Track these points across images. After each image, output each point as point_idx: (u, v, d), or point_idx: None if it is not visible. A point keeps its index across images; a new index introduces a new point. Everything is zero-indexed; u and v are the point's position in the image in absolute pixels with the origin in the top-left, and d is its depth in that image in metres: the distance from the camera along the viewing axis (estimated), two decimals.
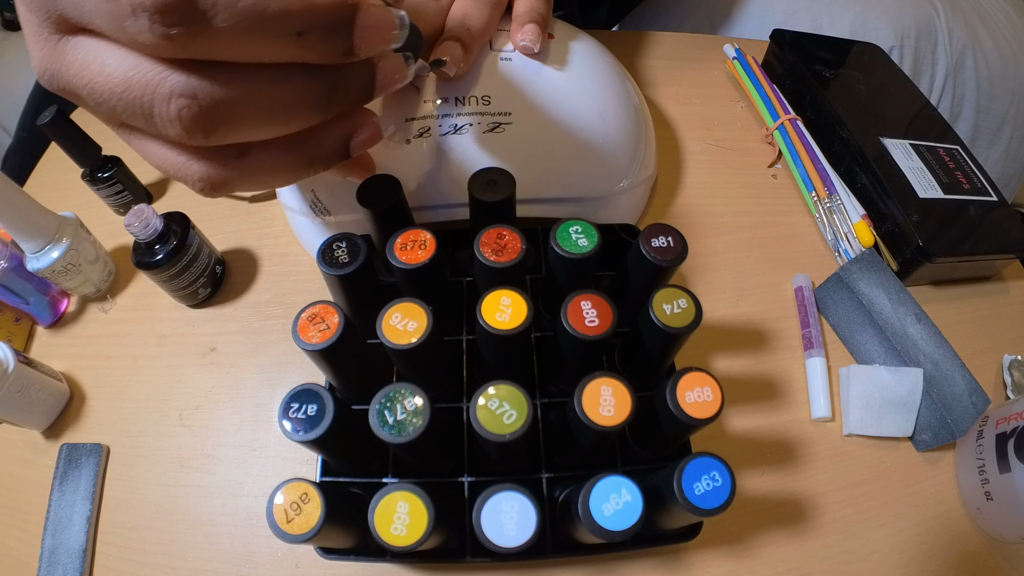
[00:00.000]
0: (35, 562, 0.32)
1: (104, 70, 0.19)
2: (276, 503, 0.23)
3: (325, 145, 0.25)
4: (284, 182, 0.25)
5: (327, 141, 0.25)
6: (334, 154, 0.25)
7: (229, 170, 0.22)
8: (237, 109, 0.20)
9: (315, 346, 0.26)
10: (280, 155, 0.23)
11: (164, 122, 0.19)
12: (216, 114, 0.19)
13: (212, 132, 0.20)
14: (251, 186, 0.24)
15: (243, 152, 0.22)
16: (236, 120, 0.20)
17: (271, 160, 0.23)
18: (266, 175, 0.24)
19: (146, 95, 0.19)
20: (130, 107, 0.19)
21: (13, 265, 0.38)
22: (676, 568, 0.33)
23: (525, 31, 0.34)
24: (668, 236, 0.30)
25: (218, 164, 0.22)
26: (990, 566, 0.34)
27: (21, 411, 0.35)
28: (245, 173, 0.23)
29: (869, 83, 0.53)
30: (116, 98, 0.19)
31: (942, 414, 0.35)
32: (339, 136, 0.25)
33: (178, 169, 0.22)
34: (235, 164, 0.22)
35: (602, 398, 0.25)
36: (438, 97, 0.34)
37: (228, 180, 0.23)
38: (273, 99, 0.21)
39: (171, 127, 0.19)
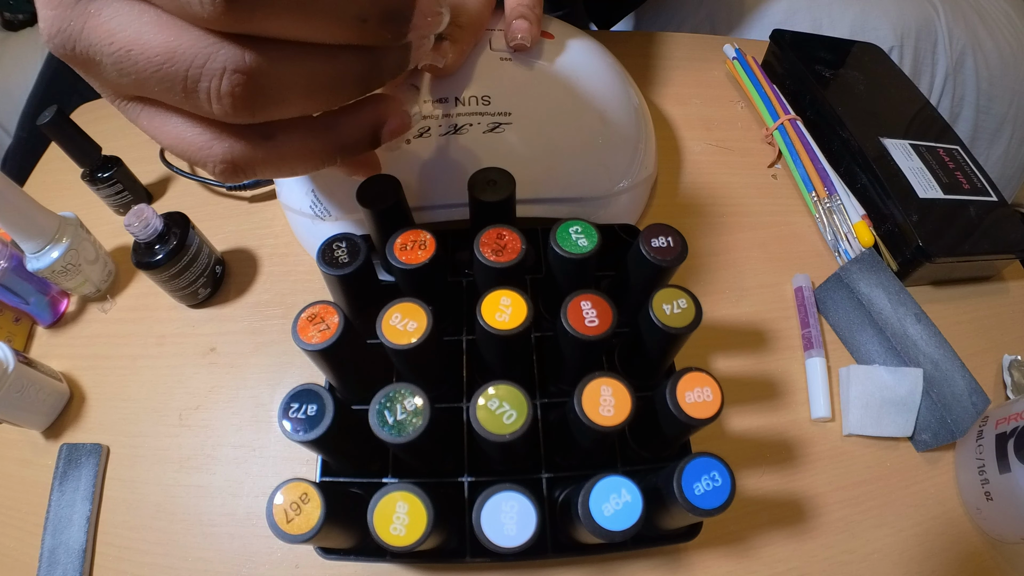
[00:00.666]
0: (35, 562, 0.32)
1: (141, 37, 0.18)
2: (276, 503, 0.23)
3: (355, 132, 0.24)
4: (307, 168, 0.24)
5: (357, 129, 0.24)
6: (362, 142, 0.25)
7: (254, 152, 0.21)
8: (286, 87, 0.19)
9: (315, 346, 0.26)
10: (308, 140, 0.23)
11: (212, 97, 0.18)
12: (267, 91, 0.19)
13: (261, 110, 0.19)
14: (274, 171, 0.23)
15: (270, 135, 0.22)
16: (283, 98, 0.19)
17: (299, 144, 0.22)
18: (291, 160, 0.23)
19: (193, 68, 0.18)
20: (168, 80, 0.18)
21: (13, 265, 0.38)
22: (676, 568, 0.33)
23: (514, 29, 0.34)
24: (668, 236, 0.30)
25: (244, 145, 0.21)
26: (990, 566, 0.34)
27: (21, 411, 0.35)
28: (271, 156, 0.22)
29: (869, 83, 0.53)
30: (152, 68, 0.18)
31: (942, 414, 0.35)
32: (369, 124, 0.25)
33: (199, 149, 0.21)
34: (262, 146, 0.21)
35: (602, 398, 0.25)
36: (438, 97, 0.34)
37: (252, 163, 0.22)
38: (320, 77, 0.20)
39: (218, 103, 0.18)
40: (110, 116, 0.53)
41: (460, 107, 0.34)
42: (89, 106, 0.56)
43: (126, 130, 0.51)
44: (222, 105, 0.19)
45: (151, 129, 0.21)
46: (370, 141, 0.25)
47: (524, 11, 0.35)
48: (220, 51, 0.18)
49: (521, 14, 0.34)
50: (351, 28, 0.19)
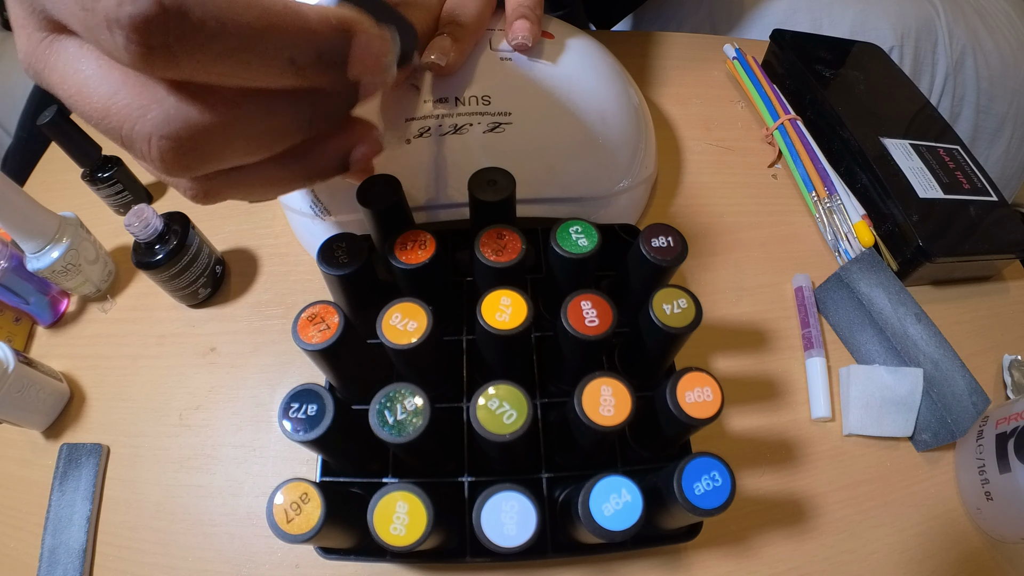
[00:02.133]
0: (35, 562, 0.32)
1: (85, 87, 0.18)
2: (276, 503, 0.23)
3: (323, 160, 0.24)
4: (279, 193, 0.24)
5: (325, 156, 0.24)
6: (332, 168, 0.24)
7: (221, 183, 0.21)
8: (222, 139, 0.19)
9: (315, 346, 0.26)
10: (276, 170, 0.22)
11: (145, 158, 0.18)
12: (199, 149, 0.18)
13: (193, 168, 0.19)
14: (244, 197, 0.23)
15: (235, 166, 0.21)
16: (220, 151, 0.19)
17: (266, 175, 0.22)
18: (259, 189, 0.23)
19: (125, 128, 0.18)
20: (108, 133, 0.18)
21: (13, 265, 0.38)
22: (676, 568, 0.33)
23: (515, 28, 0.34)
24: (668, 236, 0.30)
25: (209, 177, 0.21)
26: (990, 566, 0.34)
27: (21, 411, 0.35)
28: (238, 186, 0.22)
29: (869, 83, 0.53)
30: (96, 120, 0.18)
31: (942, 414, 0.35)
32: (338, 151, 0.24)
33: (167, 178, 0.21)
34: (227, 177, 0.21)
35: (602, 398, 0.25)
36: (438, 97, 0.34)
37: (219, 191, 0.22)
38: (259, 125, 0.20)
39: (151, 164, 0.18)
40: None
41: (460, 107, 0.34)
42: None
43: None
44: (155, 166, 0.18)
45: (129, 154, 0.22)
46: (339, 167, 0.24)
47: (525, 11, 0.35)
48: (149, 114, 0.17)
49: (522, 14, 0.34)
50: (284, 72, 0.18)
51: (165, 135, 0.18)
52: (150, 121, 0.17)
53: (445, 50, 0.31)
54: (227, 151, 0.19)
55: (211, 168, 0.20)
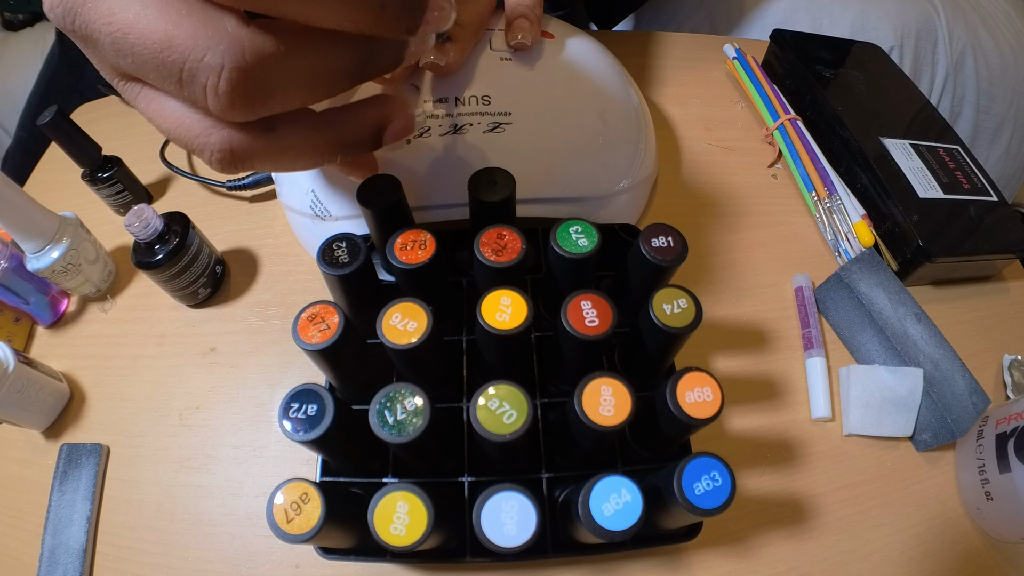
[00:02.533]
0: (35, 562, 0.32)
1: (140, 21, 0.17)
2: (276, 503, 0.23)
3: (358, 131, 0.24)
4: (307, 164, 0.24)
5: (360, 128, 0.24)
6: (365, 142, 0.24)
7: (254, 143, 0.21)
8: (284, 81, 0.18)
9: (315, 346, 0.26)
10: (310, 135, 0.22)
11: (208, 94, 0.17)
12: (264, 88, 0.18)
13: (258, 107, 0.18)
14: (272, 164, 0.22)
15: (272, 127, 0.21)
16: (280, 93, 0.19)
17: (300, 139, 0.22)
18: (291, 154, 0.22)
19: (190, 61, 0.17)
20: (163, 69, 0.17)
21: (13, 265, 0.38)
22: (676, 568, 0.33)
23: (515, 28, 0.34)
24: (668, 236, 0.30)
25: (244, 136, 0.20)
26: (990, 566, 0.34)
27: (21, 411, 0.35)
28: (270, 149, 0.21)
29: (869, 83, 0.53)
30: (149, 56, 0.17)
31: (942, 414, 0.35)
32: (372, 124, 0.24)
33: (196, 136, 0.20)
34: (262, 138, 0.21)
35: (602, 398, 0.25)
36: (438, 97, 0.34)
37: (251, 154, 0.21)
38: (319, 70, 0.19)
39: (215, 100, 0.18)
40: (110, 116, 0.53)
41: (460, 107, 0.34)
42: (89, 106, 0.56)
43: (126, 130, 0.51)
44: (219, 103, 0.18)
45: (149, 112, 0.21)
46: (373, 141, 0.25)
47: (525, 11, 0.35)
48: (220, 45, 0.17)
49: (522, 14, 0.34)
50: (369, 14, 0.18)
51: (237, 66, 0.17)
52: (221, 50, 0.17)
53: (445, 50, 0.31)
54: (291, 89, 0.19)
55: (270, 107, 0.19)
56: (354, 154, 0.25)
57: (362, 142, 0.24)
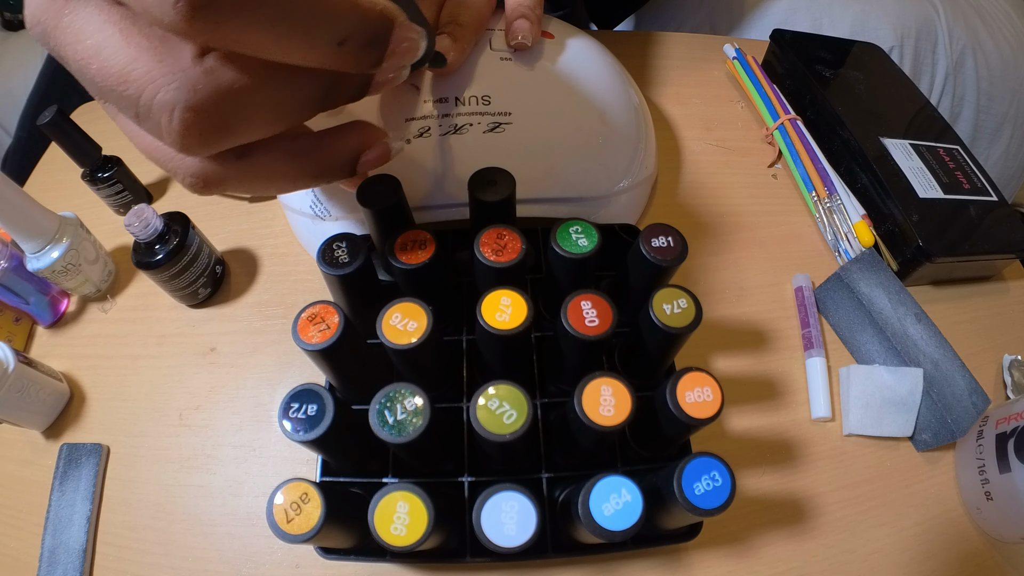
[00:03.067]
0: (35, 562, 0.32)
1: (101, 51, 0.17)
2: (276, 503, 0.23)
3: (333, 160, 0.24)
4: (280, 190, 0.24)
5: (336, 156, 0.24)
6: (341, 169, 0.24)
7: (226, 170, 0.21)
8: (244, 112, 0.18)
9: (315, 346, 0.26)
10: (284, 162, 0.22)
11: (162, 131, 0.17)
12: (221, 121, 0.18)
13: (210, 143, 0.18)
14: (247, 189, 0.22)
15: (244, 154, 0.21)
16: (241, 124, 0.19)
17: (273, 166, 0.22)
18: (264, 180, 0.22)
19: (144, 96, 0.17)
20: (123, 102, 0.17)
21: (13, 265, 0.38)
22: (676, 568, 0.33)
23: (515, 28, 0.34)
24: (668, 236, 0.30)
25: (215, 162, 0.20)
26: (990, 566, 0.34)
27: (21, 411, 0.35)
28: (243, 176, 0.21)
29: (869, 83, 0.53)
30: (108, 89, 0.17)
31: (942, 414, 0.35)
32: (349, 152, 0.24)
33: (169, 159, 0.20)
34: (234, 164, 0.21)
35: (602, 398, 0.25)
36: (438, 97, 0.34)
37: (223, 180, 0.21)
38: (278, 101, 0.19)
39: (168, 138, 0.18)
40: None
41: (460, 107, 0.34)
42: (89, 106, 0.56)
43: None
44: (173, 140, 0.18)
45: (127, 132, 0.21)
46: (347, 168, 0.24)
47: (525, 11, 0.35)
48: (172, 83, 0.17)
49: (522, 14, 0.34)
50: (326, 50, 0.18)
51: (189, 105, 0.17)
52: (174, 90, 0.17)
53: (445, 49, 0.31)
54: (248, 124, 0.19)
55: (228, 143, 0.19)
56: (329, 181, 0.24)
57: (336, 170, 0.24)
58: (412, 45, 0.20)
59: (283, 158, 0.22)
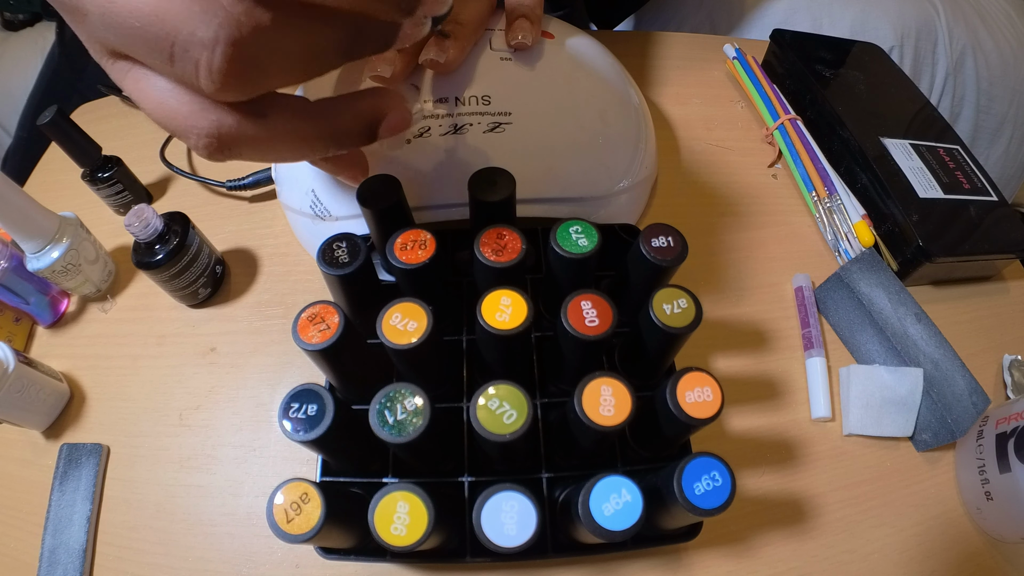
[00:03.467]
0: (35, 562, 0.32)
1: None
2: (276, 503, 0.23)
3: (351, 122, 0.23)
4: (296, 155, 0.23)
5: (353, 119, 0.23)
6: (359, 134, 0.23)
7: (243, 129, 0.20)
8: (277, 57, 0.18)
9: (315, 346, 0.26)
10: (302, 123, 0.21)
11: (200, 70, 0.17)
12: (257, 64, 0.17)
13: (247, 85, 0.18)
14: (261, 153, 0.21)
15: (262, 112, 0.20)
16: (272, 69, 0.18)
17: (291, 127, 0.21)
18: (280, 142, 0.21)
19: (182, 33, 0.16)
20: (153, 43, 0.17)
21: (13, 265, 0.38)
22: (676, 568, 0.33)
23: (515, 28, 0.34)
24: (668, 236, 0.30)
25: (233, 120, 0.19)
26: (990, 566, 0.34)
27: (21, 411, 0.35)
28: (260, 136, 0.20)
29: (869, 83, 0.53)
30: (139, 29, 0.16)
31: (942, 414, 0.35)
32: (367, 115, 0.23)
33: (184, 118, 0.19)
34: (252, 123, 0.20)
35: (602, 398, 0.25)
36: (438, 97, 0.34)
37: (239, 141, 0.20)
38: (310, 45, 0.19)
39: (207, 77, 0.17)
40: (110, 116, 0.53)
41: (460, 107, 0.34)
42: (89, 106, 0.56)
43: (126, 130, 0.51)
44: (211, 80, 0.17)
45: (136, 92, 0.20)
46: (366, 134, 0.24)
47: (525, 11, 0.35)
48: (214, 18, 0.16)
49: (522, 14, 0.34)
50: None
51: (231, 40, 0.16)
52: (216, 25, 0.16)
53: (444, 47, 0.31)
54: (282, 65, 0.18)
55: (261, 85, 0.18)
56: (346, 147, 0.24)
57: (355, 134, 0.23)
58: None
59: (300, 119, 0.21)
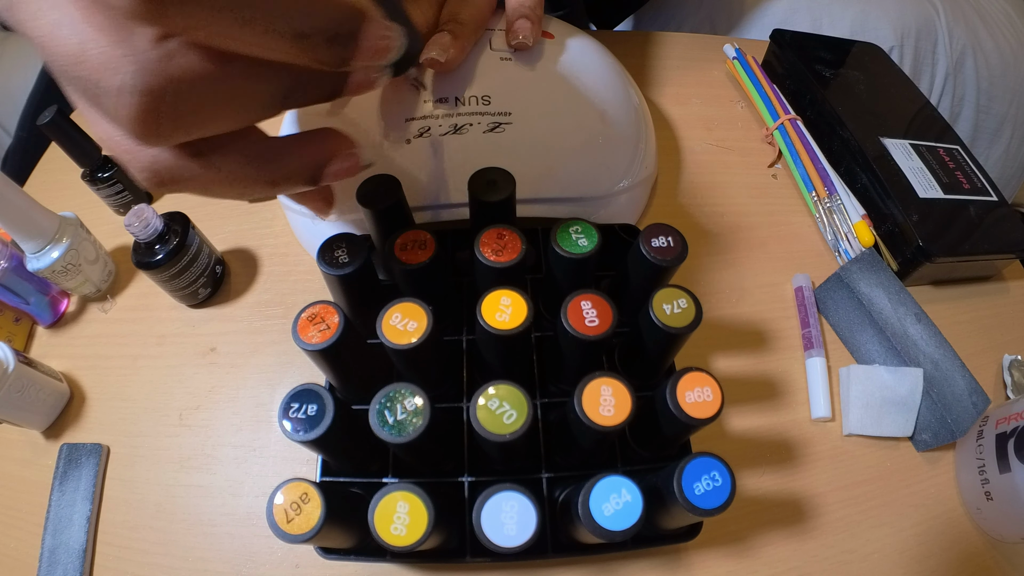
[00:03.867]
0: (35, 562, 0.32)
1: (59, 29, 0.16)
2: (276, 503, 0.23)
3: (294, 167, 0.22)
4: (237, 195, 0.22)
5: (296, 163, 0.22)
6: (301, 177, 0.23)
7: (181, 168, 0.20)
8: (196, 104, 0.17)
9: (315, 346, 0.26)
10: (242, 166, 0.21)
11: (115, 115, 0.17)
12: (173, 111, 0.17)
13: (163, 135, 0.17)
14: (201, 191, 0.21)
15: (200, 153, 0.20)
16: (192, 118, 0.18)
17: (230, 169, 0.21)
18: (222, 183, 0.21)
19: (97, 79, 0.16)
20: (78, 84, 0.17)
21: (13, 265, 0.38)
22: (676, 568, 0.33)
23: (516, 28, 0.34)
24: (668, 236, 0.30)
25: (171, 158, 0.19)
26: (990, 566, 0.34)
27: (21, 411, 0.35)
28: (197, 176, 0.20)
29: (869, 83, 0.53)
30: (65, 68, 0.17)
31: (942, 414, 0.35)
32: (311, 161, 0.23)
33: (125, 152, 0.19)
34: (189, 163, 0.20)
35: (602, 398, 0.25)
36: (438, 97, 0.34)
37: (178, 178, 0.20)
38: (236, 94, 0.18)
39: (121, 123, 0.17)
40: None
41: (460, 107, 0.34)
42: None
43: None
44: (125, 126, 0.17)
45: (87, 121, 0.20)
46: (309, 179, 0.23)
47: (526, 11, 0.35)
48: (129, 64, 0.16)
49: (523, 14, 0.34)
50: (288, 44, 0.17)
51: (142, 89, 0.16)
52: (129, 73, 0.16)
53: (445, 46, 0.31)
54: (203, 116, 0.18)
55: (181, 134, 0.18)
56: (290, 190, 0.23)
57: (297, 179, 0.23)
58: (386, 44, 0.19)
59: (241, 161, 0.21)
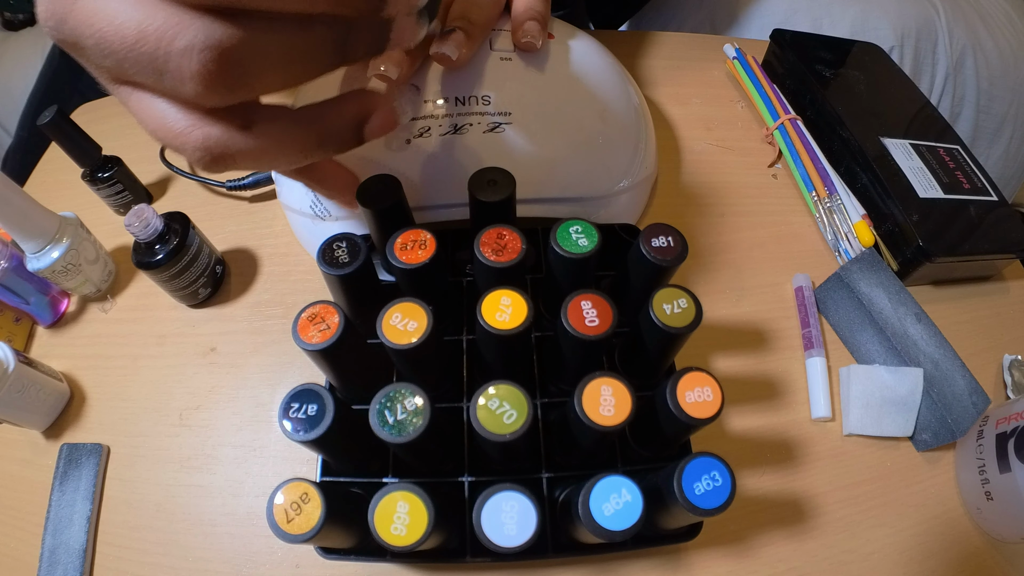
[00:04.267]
0: (35, 562, 0.32)
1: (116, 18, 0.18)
2: (276, 503, 0.23)
3: (338, 124, 0.24)
4: (288, 161, 0.24)
5: (340, 121, 0.24)
6: (346, 136, 0.24)
7: (233, 140, 0.21)
8: (259, 61, 0.19)
9: (315, 346, 0.26)
10: (290, 129, 0.22)
11: (181, 78, 0.18)
12: (239, 67, 0.18)
13: (235, 87, 0.19)
14: (253, 161, 0.22)
15: (250, 122, 0.21)
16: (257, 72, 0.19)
17: (279, 134, 0.22)
18: (271, 150, 0.22)
19: (161, 48, 0.18)
20: (142, 61, 0.18)
21: (13, 265, 0.38)
22: (676, 568, 0.33)
23: (525, 29, 0.34)
24: (668, 236, 0.30)
25: (223, 132, 0.21)
26: (990, 566, 0.34)
27: (21, 411, 0.35)
28: (250, 145, 0.21)
29: (869, 83, 0.53)
30: (127, 51, 0.18)
31: (942, 414, 0.35)
32: (353, 117, 0.24)
33: (178, 134, 0.20)
34: (241, 134, 0.21)
35: (602, 398, 0.25)
36: (438, 97, 0.34)
37: (231, 151, 0.21)
38: (293, 48, 0.20)
39: (188, 84, 0.18)
40: (110, 116, 0.53)
41: (460, 107, 0.34)
42: (89, 106, 0.56)
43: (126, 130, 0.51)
44: (194, 84, 0.18)
45: (138, 112, 0.21)
46: (354, 136, 0.25)
47: (534, 14, 0.35)
48: (189, 28, 0.17)
49: (531, 16, 0.35)
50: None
51: (208, 45, 0.17)
52: (191, 33, 0.17)
53: (459, 43, 0.32)
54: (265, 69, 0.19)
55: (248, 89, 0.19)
56: (336, 150, 0.25)
57: (343, 136, 0.24)
58: None
59: (288, 126, 0.22)
